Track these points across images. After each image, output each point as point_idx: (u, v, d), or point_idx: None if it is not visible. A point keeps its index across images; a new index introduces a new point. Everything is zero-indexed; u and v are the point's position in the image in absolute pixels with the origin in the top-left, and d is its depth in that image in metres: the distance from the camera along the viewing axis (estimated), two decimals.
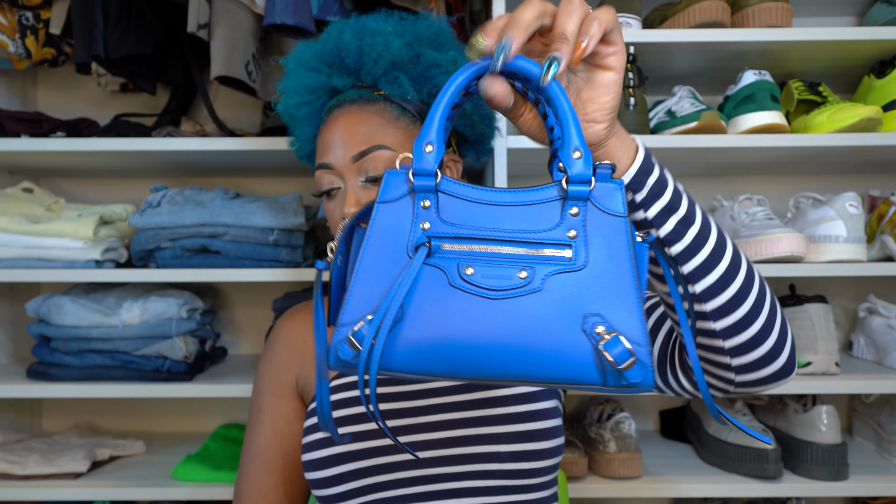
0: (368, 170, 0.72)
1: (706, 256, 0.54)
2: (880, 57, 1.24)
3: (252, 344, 1.49)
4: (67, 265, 1.16)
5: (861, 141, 1.12)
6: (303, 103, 0.78)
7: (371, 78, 0.76)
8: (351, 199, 0.71)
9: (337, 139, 0.73)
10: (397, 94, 0.75)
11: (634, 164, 0.52)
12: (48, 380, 1.17)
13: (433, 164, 0.46)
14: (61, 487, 1.14)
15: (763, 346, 0.56)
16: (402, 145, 0.73)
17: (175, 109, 1.38)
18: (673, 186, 0.53)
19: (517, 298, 0.44)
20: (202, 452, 1.24)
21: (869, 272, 1.14)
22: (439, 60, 0.76)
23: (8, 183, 1.39)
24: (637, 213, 0.53)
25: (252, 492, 0.79)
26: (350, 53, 0.75)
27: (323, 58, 0.77)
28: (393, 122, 0.74)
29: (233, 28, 1.09)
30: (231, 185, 1.46)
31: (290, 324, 0.84)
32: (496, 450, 0.71)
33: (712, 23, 1.17)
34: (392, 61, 0.75)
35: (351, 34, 0.75)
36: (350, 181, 0.72)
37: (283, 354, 0.82)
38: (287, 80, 0.79)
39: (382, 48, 0.74)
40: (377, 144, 0.72)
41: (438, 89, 0.77)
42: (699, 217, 0.54)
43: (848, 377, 1.16)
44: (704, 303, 0.55)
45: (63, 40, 1.29)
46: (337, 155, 0.72)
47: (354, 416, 0.73)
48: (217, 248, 1.15)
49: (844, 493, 1.14)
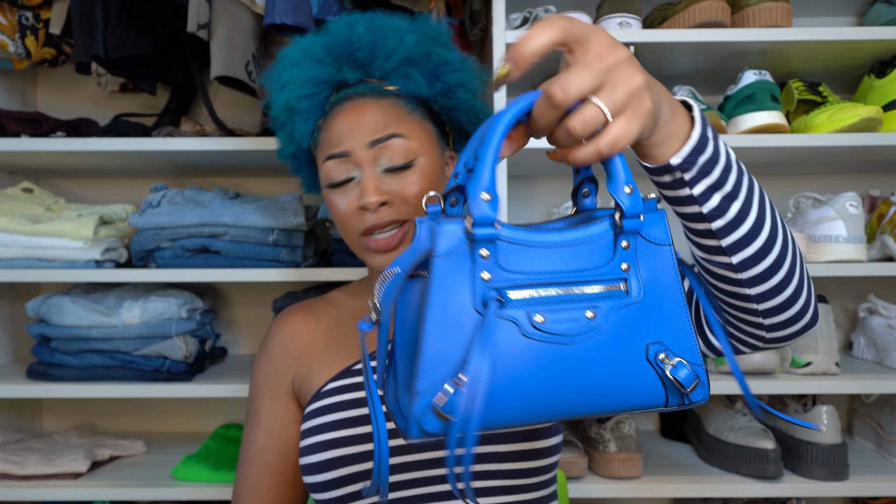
0: (387, 159, 0.71)
1: (746, 231, 0.52)
2: (880, 57, 1.24)
3: (252, 344, 1.49)
4: (67, 265, 1.16)
5: (861, 141, 1.12)
6: (306, 95, 0.76)
7: (381, 73, 0.75)
8: (370, 187, 0.70)
9: (351, 128, 0.72)
10: (411, 89, 0.75)
11: (687, 144, 0.48)
12: (48, 380, 1.17)
13: (494, 213, 0.43)
14: (61, 487, 1.14)
15: (795, 305, 0.57)
16: (417, 138, 0.73)
17: (175, 109, 1.38)
18: (724, 162, 0.50)
19: (589, 340, 0.45)
20: (202, 452, 1.24)
21: (869, 272, 1.14)
22: (448, 59, 0.76)
23: (8, 183, 1.39)
24: (682, 189, 0.51)
25: (250, 494, 0.79)
26: (362, 47, 0.74)
27: (332, 50, 0.76)
28: (407, 115, 0.74)
29: (233, 28, 1.09)
30: (231, 185, 1.46)
31: (285, 325, 0.83)
32: (494, 450, 0.71)
33: (712, 23, 1.16)
34: (405, 57, 0.74)
35: (364, 27, 0.74)
36: (368, 169, 0.71)
37: (278, 356, 0.81)
38: (292, 71, 0.77)
39: (396, 43, 0.74)
40: (394, 132, 0.71)
41: (449, 87, 0.77)
42: (744, 190, 0.52)
43: (848, 377, 1.16)
44: (740, 272, 0.54)
45: (63, 40, 1.29)
46: (353, 143, 0.71)
47: (357, 419, 0.72)
48: (217, 248, 1.15)
49: (844, 494, 1.14)
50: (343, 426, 0.72)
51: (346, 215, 0.73)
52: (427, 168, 0.73)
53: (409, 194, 0.72)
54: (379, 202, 0.70)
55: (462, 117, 0.80)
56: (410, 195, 0.72)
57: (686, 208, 0.52)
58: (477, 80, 0.80)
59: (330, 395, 0.74)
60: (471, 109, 0.80)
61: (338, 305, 0.84)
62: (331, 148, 0.73)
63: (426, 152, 0.74)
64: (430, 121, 0.77)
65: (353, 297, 0.85)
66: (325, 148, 0.74)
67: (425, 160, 0.73)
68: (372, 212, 0.71)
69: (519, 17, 1.27)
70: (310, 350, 0.80)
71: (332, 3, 1.09)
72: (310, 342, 0.81)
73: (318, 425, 0.73)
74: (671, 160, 0.49)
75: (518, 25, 1.25)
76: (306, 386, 0.78)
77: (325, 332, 0.81)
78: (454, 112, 0.80)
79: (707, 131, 0.50)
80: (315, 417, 0.73)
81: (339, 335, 0.80)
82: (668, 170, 0.50)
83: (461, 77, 0.78)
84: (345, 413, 0.73)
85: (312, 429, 0.73)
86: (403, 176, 0.72)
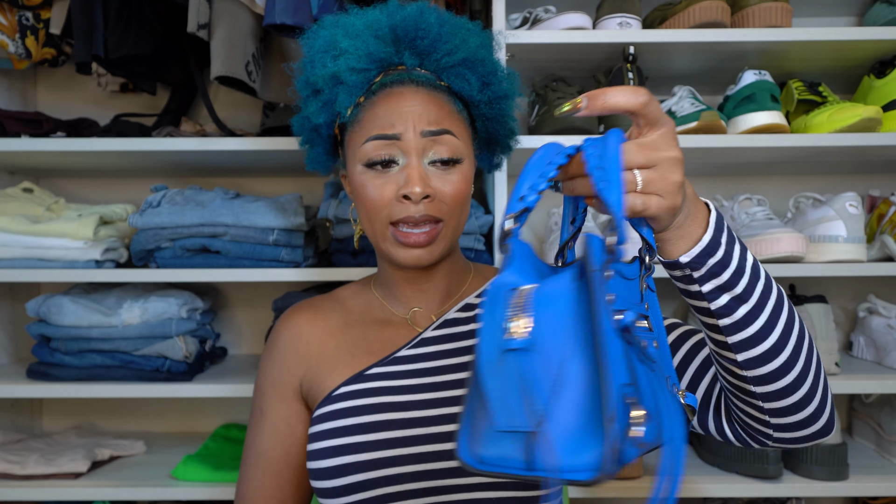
0: (435, 152, 0.70)
1: (753, 333, 0.53)
2: (880, 57, 1.24)
3: (252, 344, 1.49)
4: (67, 265, 1.16)
5: (861, 141, 1.12)
6: (359, 69, 0.73)
7: (436, 66, 0.74)
8: (416, 177, 0.68)
9: (406, 112, 0.70)
10: (463, 89, 0.74)
11: (696, 247, 0.51)
12: (48, 380, 1.17)
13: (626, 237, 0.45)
14: (61, 487, 1.14)
15: (804, 410, 0.57)
16: (464, 140, 0.73)
17: (175, 109, 1.38)
18: (735, 266, 0.52)
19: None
20: (202, 452, 1.24)
21: (869, 272, 1.14)
22: (499, 69, 0.77)
23: (8, 183, 1.39)
24: (692, 285, 0.53)
25: (254, 494, 0.78)
26: (427, 36, 0.73)
27: (397, 31, 0.73)
28: (456, 114, 0.73)
29: (233, 28, 1.09)
30: (231, 185, 1.46)
31: (293, 323, 0.81)
32: None
33: (712, 23, 1.17)
34: (466, 57, 0.74)
35: (434, 18, 0.73)
36: (416, 158, 0.70)
37: (284, 356, 0.80)
38: (351, 41, 0.73)
39: (461, 41, 0.73)
40: (447, 129, 0.71)
41: (496, 97, 0.77)
42: (757, 294, 0.53)
43: (848, 377, 1.16)
44: (745, 370, 0.55)
45: (63, 40, 1.29)
46: (407, 128, 0.70)
47: (369, 425, 0.70)
48: (217, 248, 1.15)
49: (844, 493, 1.14)
50: (355, 432, 0.70)
51: (380, 201, 0.70)
52: (467, 172, 0.73)
53: (450, 193, 0.71)
54: (423, 194, 0.68)
55: (500, 129, 0.80)
56: (450, 194, 0.71)
57: (695, 301, 0.54)
58: (516, 98, 0.81)
59: (342, 399, 0.73)
60: (507, 123, 0.80)
61: (346, 304, 0.83)
62: (379, 128, 0.71)
63: (467, 155, 0.74)
64: (470, 126, 0.77)
65: (361, 297, 0.83)
66: (371, 128, 0.71)
67: (467, 163, 0.73)
68: (414, 203, 0.69)
69: (519, 17, 1.27)
70: (319, 350, 0.79)
71: (332, 2, 1.09)
72: (319, 342, 0.79)
73: (329, 430, 0.71)
74: (680, 258, 0.52)
75: (518, 25, 1.25)
76: (316, 388, 0.77)
77: (335, 332, 0.80)
78: (493, 122, 0.79)
79: (721, 236, 0.52)
80: (325, 421, 0.72)
81: (351, 337, 0.79)
82: (678, 266, 0.52)
83: (508, 89, 0.78)
84: (357, 419, 0.71)
85: (322, 433, 0.72)
86: (447, 174, 0.71)
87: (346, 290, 0.86)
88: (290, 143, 1.13)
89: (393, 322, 0.80)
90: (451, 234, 0.73)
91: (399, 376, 0.74)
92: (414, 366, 0.75)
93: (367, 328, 0.79)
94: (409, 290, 0.79)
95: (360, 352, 0.77)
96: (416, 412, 0.71)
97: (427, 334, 0.77)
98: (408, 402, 0.72)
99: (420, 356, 0.75)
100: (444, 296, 0.80)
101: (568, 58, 1.22)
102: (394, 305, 0.81)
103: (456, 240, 0.76)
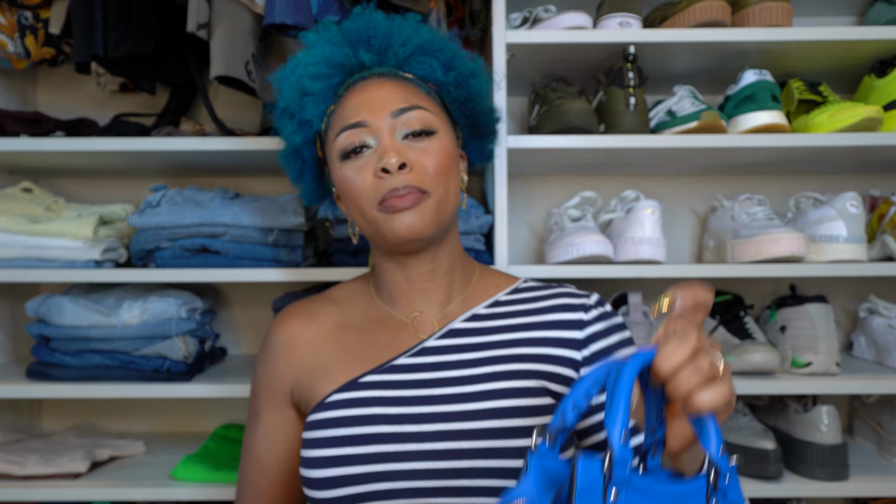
0: (406, 127, 0.70)
1: None
2: (881, 56, 1.24)
3: (252, 344, 1.49)
4: (67, 265, 1.16)
5: (861, 141, 1.12)
6: (320, 76, 0.75)
7: (396, 59, 0.75)
8: (390, 149, 0.68)
9: (373, 100, 0.71)
10: (427, 74, 0.76)
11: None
12: (48, 380, 1.17)
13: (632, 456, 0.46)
14: (61, 488, 1.13)
15: None
16: (437, 115, 0.73)
17: (175, 109, 1.38)
18: None
19: None
20: (202, 452, 1.23)
21: (869, 272, 1.14)
22: (460, 53, 0.78)
23: (7, 183, 1.39)
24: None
25: (251, 494, 0.79)
26: (378, 33, 0.75)
27: (348, 33, 0.76)
28: (425, 96, 0.74)
29: (232, 28, 1.09)
30: (231, 185, 1.46)
31: (283, 330, 0.79)
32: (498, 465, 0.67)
33: (712, 22, 1.16)
34: (420, 45, 0.75)
35: (381, 16, 0.76)
36: (388, 136, 0.70)
37: (276, 363, 0.78)
38: (305, 53, 0.76)
39: (412, 31, 0.75)
40: (417, 105, 0.71)
41: (463, 76, 0.77)
42: None
43: (848, 377, 1.16)
44: None
45: (62, 40, 1.29)
46: (373, 113, 0.70)
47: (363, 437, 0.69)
48: (217, 248, 1.14)
49: (845, 494, 1.14)
50: (346, 443, 0.68)
51: (362, 187, 0.70)
52: (445, 143, 0.72)
53: (428, 163, 0.70)
54: (399, 162, 0.68)
55: (476, 106, 0.80)
56: (429, 164, 0.70)
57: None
58: (488, 80, 0.81)
59: (334, 407, 0.71)
60: (482, 101, 0.80)
61: (341, 305, 0.81)
62: (347, 119, 0.71)
63: (444, 130, 0.73)
64: (445, 111, 0.77)
65: (358, 299, 0.81)
66: (339, 123, 0.72)
67: (444, 136, 0.73)
68: (391, 175, 0.68)
69: (519, 17, 1.26)
70: (311, 358, 0.76)
71: (331, 2, 1.09)
72: (311, 349, 0.77)
73: (322, 439, 0.69)
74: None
75: (518, 25, 1.25)
76: (308, 394, 0.75)
77: (328, 336, 0.77)
78: (468, 103, 0.79)
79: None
80: (318, 429, 0.70)
81: (345, 341, 0.77)
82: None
83: (474, 68, 0.79)
84: (348, 430, 0.69)
85: (314, 441, 0.70)
86: (423, 143, 0.71)
87: (340, 290, 0.83)
88: None
89: (392, 325, 0.77)
90: (439, 207, 0.70)
91: (395, 386, 0.71)
92: (411, 376, 0.72)
93: (362, 331, 0.77)
94: (409, 291, 0.77)
95: (354, 357, 0.75)
96: (410, 426, 0.68)
97: (429, 343, 0.74)
98: (402, 415, 0.69)
99: (419, 366, 0.72)
100: (445, 297, 0.77)
101: (568, 57, 1.22)
102: (393, 307, 0.78)
103: (446, 215, 0.72)
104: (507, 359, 0.73)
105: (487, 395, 0.70)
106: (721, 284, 1.44)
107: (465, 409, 0.69)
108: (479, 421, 0.68)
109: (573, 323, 0.75)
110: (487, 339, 0.75)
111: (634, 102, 1.15)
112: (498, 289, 0.81)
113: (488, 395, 0.70)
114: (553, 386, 0.72)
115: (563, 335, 0.75)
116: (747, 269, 1.14)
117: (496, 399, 0.70)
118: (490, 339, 0.75)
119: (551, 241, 1.25)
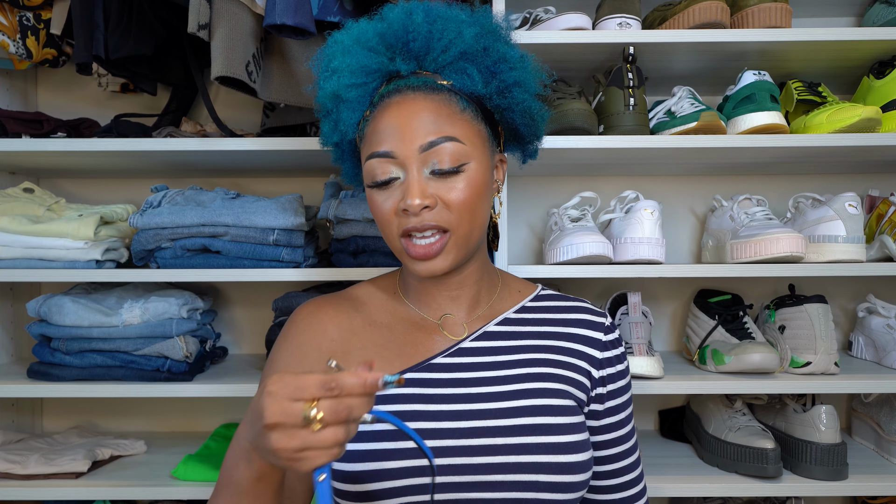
0: (435, 162, 0.69)
1: None
2: (880, 57, 1.24)
3: (252, 344, 1.49)
4: (68, 265, 1.16)
5: (860, 141, 1.12)
6: (355, 84, 0.73)
7: (435, 66, 0.72)
8: (415, 189, 0.68)
9: (403, 127, 0.69)
10: (465, 85, 0.72)
11: None
12: (49, 379, 1.17)
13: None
14: (62, 487, 1.14)
15: None
16: (469, 140, 0.71)
17: (175, 110, 1.39)
18: None
19: None
20: (202, 452, 1.24)
21: (868, 272, 1.14)
22: (508, 55, 0.74)
23: (9, 183, 1.39)
24: None
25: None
26: (418, 37, 0.71)
27: (386, 38, 0.72)
28: (459, 114, 0.71)
29: (233, 28, 1.09)
30: (231, 185, 1.46)
31: (315, 319, 0.79)
32: (529, 460, 0.69)
33: (712, 23, 1.17)
34: (463, 51, 0.71)
35: (422, 17, 0.71)
36: (414, 172, 0.69)
37: (305, 350, 0.77)
38: (342, 58, 0.73)
39: (455, 35, 0.71)
40: (447, 136, 0.69)
41: (506, 85, 0.74)
42: None
43: (847, 377, 1.16)
44: None
45: (64, 41, 1.29)
46: (402, 144, 0.69)
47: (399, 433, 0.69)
48: (217, 248, 1.15)
49: (844, 493, 1.14)
50: (385, 438, 0.69)
51: (387, 216, 0.71)
52: (476, 174, 0.71)
53: (453, 200, 0.69)
54: (422, 206, 0.68)
55: (517, 118, 0.78)
56: (454, 201, 0.69)
57: None
58: (535, 80, 0.77)
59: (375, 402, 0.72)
60: (527, 110, 0.77)
61: (364, 303, 0.81)
62: (376, 145, 0.70)
63: (476, 156, 0.71)
64: (483, 120, 0.74)
65: (381, 299, 0.82)
66: (370, 144, 0.71)
67: (475, 165, 0.71)
68: (414, 214, 0.69)
69: (519, 18, 1.27)
70: (344, 349, 0.76)
71: (332, 3, 1.10)
72: (343, 340, 0.77)
73: (360, 432, 0.69)
74: None
75: (518, 26, 1.25)
76: None
77: (358, 330, 0.78)
78: (508, 112, 0.77)
79: None
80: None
81: (377, 337, 0.77)
82: None
83: (519, 76, 0.74)
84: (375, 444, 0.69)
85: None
86: (450, 181, 0.70)
87: (361, 290, 0.84)
88: (290, 144, 1.13)
89: (422, 326, 0.79)
90: (463, 243, 0.72)
91: (434, 384, 0.73)
92: (450, 375, 0.74)
93: (392, 330, 0.78)
94: (439, 297, 0.79)
95: (390, 354, 0.76)
96: (448, 423, 0.71)
97: (465, 344, 0.77)
98: (440, 411, 0.71)
99: (456, 366, 0.75)
100: (473, 302, 0.80)
101: (568, 58, 1.22)
102: (422, 309, 0.80)
103: (472, 246, 0.74)
104: (536, 362, 0.77)
105: (520, 395, 0.73)
106: (720, 284, 1.44)
107: (500, 406, 0.72)
108: (513, 419, 0.71)
109: (593, 341, 0.81)
110: (518, 343, 0.78)
111: (634, 103, 1.16)
112: (521, 294, 0.84)
113: (520, 395, 0.73)
114: (574, 391, 0.77)
115: (584, 349, 0.80)
116: (746, 269, 1.15)
117: (528, 398, 0.73)
118: (521, 343, 0.78)
119: (551, 241, 1.25)
